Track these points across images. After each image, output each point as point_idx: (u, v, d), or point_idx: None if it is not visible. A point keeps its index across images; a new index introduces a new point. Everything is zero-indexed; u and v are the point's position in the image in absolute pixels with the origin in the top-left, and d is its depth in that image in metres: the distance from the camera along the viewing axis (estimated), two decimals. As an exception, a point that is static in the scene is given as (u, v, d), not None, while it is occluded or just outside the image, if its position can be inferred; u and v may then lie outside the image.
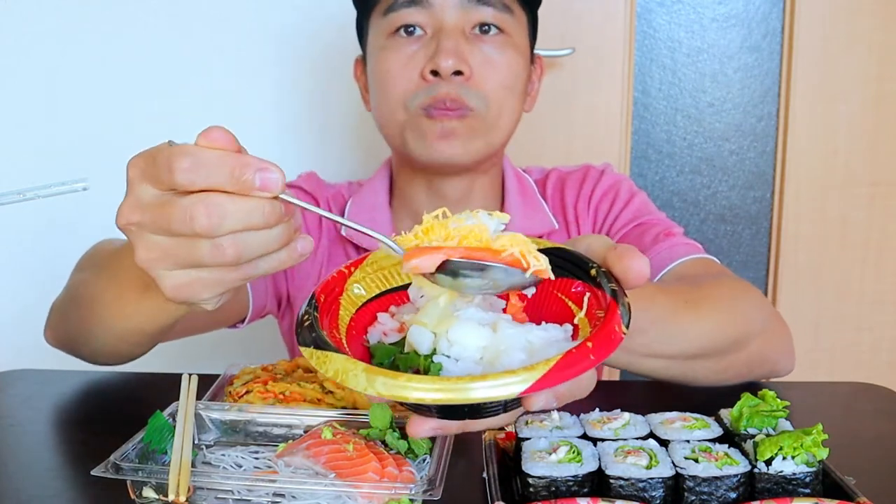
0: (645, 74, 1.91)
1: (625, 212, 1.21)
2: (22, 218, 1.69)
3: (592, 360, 0.53)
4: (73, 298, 0.97)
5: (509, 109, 1.14)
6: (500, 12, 1.12)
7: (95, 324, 0.90)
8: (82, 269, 0.99)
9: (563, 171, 1.30)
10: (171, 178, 0.57)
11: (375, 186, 1.25)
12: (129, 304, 0.82)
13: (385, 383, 0.53)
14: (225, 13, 1.71)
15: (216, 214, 0.57)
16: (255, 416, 0.82)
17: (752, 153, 1.96)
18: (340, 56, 1.68)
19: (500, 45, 1.12)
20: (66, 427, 0.92)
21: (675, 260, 1.08)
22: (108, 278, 0.87)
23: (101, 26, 1.68)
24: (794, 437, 0.67)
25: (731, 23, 1.91)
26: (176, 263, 0.61)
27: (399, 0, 1.11)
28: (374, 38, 1.15)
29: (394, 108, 1.12)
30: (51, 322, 1.04)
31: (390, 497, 0.66)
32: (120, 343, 0.91)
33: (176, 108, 1.71)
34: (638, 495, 0.65)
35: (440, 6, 1.10)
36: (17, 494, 0.73)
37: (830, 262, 1.96)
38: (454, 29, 1.10)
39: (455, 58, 1.07)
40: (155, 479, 0.68)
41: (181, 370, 0.86)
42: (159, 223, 0.59)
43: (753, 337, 0.97)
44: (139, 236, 0.61)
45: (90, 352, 0.98)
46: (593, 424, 0.75)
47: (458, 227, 0.59)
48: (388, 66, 1.11)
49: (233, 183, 0.57)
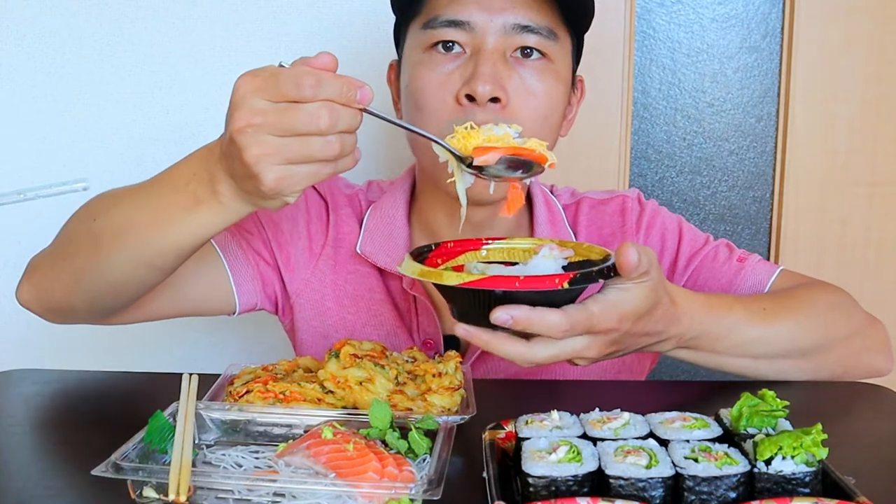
0: (645, 74, 1.91)
1: (682, 247, 1.19)
2: (22, 218, 1.69)
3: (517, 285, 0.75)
4: (81, 239, 0.97)
5: (544, 138, 1.08)
6: (545, 39, 1.07)
7: (117, 253, 0.92)
8: (89, 214, 1.00)
9: (595, 198, 1.26)
10: (297, 91, 0.74)
11: (396, 199, 1.22)
12: (172, 222, 0.88)
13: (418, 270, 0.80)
14: (232, 10, 1.71)
15: (334, 117, 0.75)
16: (255, 416, 0.82)
17: (752, 153, 1.96)
18: (366, 55, 1.68)
19: (541, 72, 1.07)
20: (66, 427, 0.92)
21: (766, 285, 1.14)
22: (140, 203, 0.92)
23: (102, 26, 1.68)
24: (793, 436, 0.67)
25: (731, 23, 1.91)
26: (285, 158, 0.76)
27: (439, 18, 1.06)
28: (411, 49, 1.12)
29: (426, 130, 1.08)
30: (33, 276, 1.04)
31: (390, 497, 0.66)
32: (139, 270, 0.94)
33: (176, 108, 1.71)
34: (638, 495, 0.65)
35: (482, 29, 1.05)
36: (17, 494, 0.73)
37: (830, 262, 1.96)
38: (494, 51, 1.05)
39: (493, 84, 1.03)
40: (155, 478, 0.68)
41: (181, 370, 0.86)
42: (281, 124, 0.75)
43: (839, 340, 1.05)
44: (254, 136, 0.75)
45: (90, 294, 0.98)
46: (593, 424, 0.75)
47: (490, 135, 0.86)
48: (422, 83, 1.07)
49: (342, 96, 0.75)
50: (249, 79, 0.77)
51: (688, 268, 1.18)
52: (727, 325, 0.97)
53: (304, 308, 1.19)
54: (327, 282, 1.19)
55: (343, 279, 1.19)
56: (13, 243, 1.71)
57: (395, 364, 0.93)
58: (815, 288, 1.11)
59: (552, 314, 0.78)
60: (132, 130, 1.70)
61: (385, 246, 1.18)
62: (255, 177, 0.77)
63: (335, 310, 1.19)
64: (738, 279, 1.14)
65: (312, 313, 1.19)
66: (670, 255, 1.20)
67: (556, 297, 0.78)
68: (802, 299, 1.07)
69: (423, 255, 0.89)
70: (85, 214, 1.01)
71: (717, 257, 1.17)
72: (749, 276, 1.14)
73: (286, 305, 1.21)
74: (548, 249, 0.88)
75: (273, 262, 1.19)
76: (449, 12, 1.06)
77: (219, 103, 1.72)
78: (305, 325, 1.20)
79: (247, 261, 1.16)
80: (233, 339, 1.68)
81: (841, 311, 1.09)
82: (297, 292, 1.19)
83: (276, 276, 1.19)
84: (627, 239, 1.20)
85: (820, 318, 1.05)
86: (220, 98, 1.72)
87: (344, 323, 1.18)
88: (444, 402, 0.87)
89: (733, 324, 0.98)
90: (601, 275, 0.80)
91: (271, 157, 0.76)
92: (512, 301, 0.77)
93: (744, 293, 1.13)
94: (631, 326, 0.85)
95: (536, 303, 0.77)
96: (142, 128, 1.71)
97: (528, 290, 0.76)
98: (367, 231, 1.19)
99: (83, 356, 1.13)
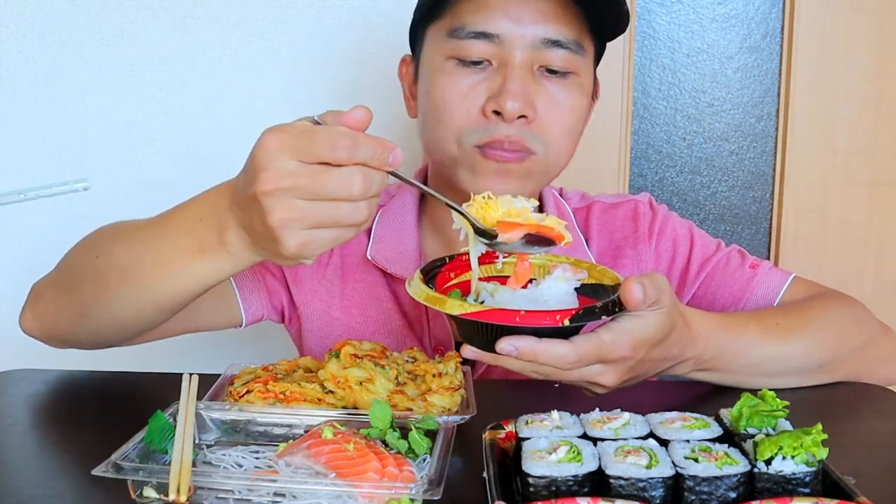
0: (645, 75, 1.91)
1: (694, 253, 1.19)
2: (22, 218, 1.69)
3: (517, 321, 0.75)
4: (85, 274, 0.94)
5: (568, 151, 1.10)
6: (573, 54, 1.05)
7: (123, 292, 0.89)
8: (92, 249, 0.96)
9: (606, 202, 1.25)
10: (333, 154, 0.70)
11: (406, 202, 1.20)
12: (176, 266, 0.85)
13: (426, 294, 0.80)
14: (232, 10, 1.71)
15: (367, 182, 0.71)
16: (255, 416, 0.82)
17: (752, 153, 1.96)
18: (366, 55, 1.67)
19: (568, 87, 1.06)
20: (66, 427, 0.92)
21: (778, 294, 1.13)
22: (144, 245, 0.88)
23: (102, 26, 1.68)
24: (793, 436, 0.67)
25: (731, 23, 1.91)
26: (311, 223, 0.72)
27: (466, 28, 1.03)
28: (432, 53, 1.08)
29: (447, 140, 1.06)
30: (37, 305, 1.01)
31: (391, 497, 0.66)
32: (145, 310, 0.91)
33: (176, 108, 1.71)
34: (638, 495, 0.65)
35: (510, 43, 1.02)
36: (17, 494, 0.73)
37: (830, 262, 1.96)
38: (522, 65, 1.02)
39: (521, 101, 1.01)
40: (156, 478, 0.68)
41: (181, 370, 0.86)
42: (313, 188, 0.71)
43: (853, 351, 1.05)
44: (282, 200, 0.71)
45: (95, 329, 0.96)
46: (593, 424, 0.75)
47: (511, 208, 0.82)
48: (444, 92, 1.05)
49: (374, 159, 0.72)
50: (278, 136, 0.72)
51: (699, 274, 1.17)
52: (743, 345, 0.97)
53: (312, 318, 1.18)
54: (335, 291, 1.18)
55: (351, 288, 1.18)
56: (13, 243, 1.71)
57: (396, 364, 0.93)
58: (828, 299, 1.10)
59: (559, 346, 0.77)
60: (132, 130, 1.70)
61: (395, 252, 1.17)
62: (277, 240, 0.73)
63: (343, 319, 1.18)
64: (751, 286, 1.13)
65: (320, 323, 1.18)
66: (682, 261, 1.19)
67: (557, 334, 0.78)
68: (816, 312, 1.06)
69: (435, 269, 0.88)
70: (89, 248, 0.98)
71: (728, 264, 1.16)
72: (761, 284, 1.13)
73: (293, 315, 1.21)
74: (561, 270, 0.88)
75: (280, 275, 1.18)
76: (477, 22, 1.03)
77: (219, 103, 1.74)
78: (312, 335, 1.19)
79: (253, 275, 1.16)
80: (233, 339, 1.68)
81: (854, 322, 1.08)
82: (305, 302, 1.18)
83: (282, 288, 1.19)
84: (640, 245, 1.19)
85: (833, 330, 1.04)
86: (220, 98, 1.73)
87: (352, 332, 1.17)
88: (445, 402, 0.87)
89: (749, 342, 0.97)
90: (605, 311, 0.78)
91: (297, 221, 0.72)
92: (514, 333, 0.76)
93: (756, 300, 1.13)
94: (646, 353, 0.84)
95: (541, 334, 0.77)
96: (142, 128, 1.71)
97: (526, 326, 0.76)
98: (377, 237, 1.17)
99: (83, 356, 1.13)
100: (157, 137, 1.71)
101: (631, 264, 1.19)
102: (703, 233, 1.23)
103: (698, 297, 1.17)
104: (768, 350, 0.99)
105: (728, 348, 0.95)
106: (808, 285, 1.15)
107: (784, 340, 1.00)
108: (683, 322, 0.88)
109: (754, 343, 0.98)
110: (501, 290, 0.86)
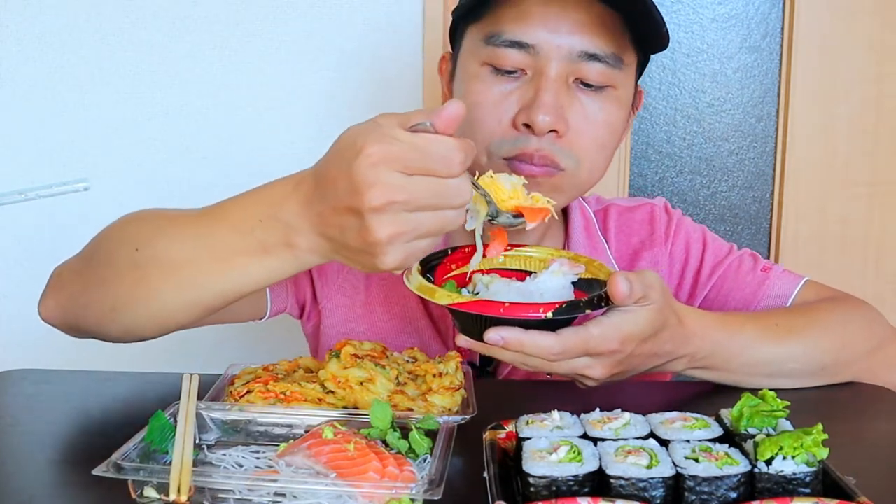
0: (645, 74, 1.91)
1: (706, 257, 1.18)
2: (22, 218, 1.69)
3: (501, 312, 0.77)
4: (121, 267, 0.89)
5: (601, 167, 1.08)
6: (610, 68, 1.02)
7: (168, 291, 0.86)
8: (129, 240, 0.90)
9: (623, 205, 1.25)
10: (448, 170, 0.69)
11: None
12: (235, 267, 0.81)
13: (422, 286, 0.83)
14: (232, 10, 1.71)
15: (469, 188, 0.72)
16: (255, 416, 0.82)
17: (752, 153, 1.96)
18: (366, 55, 1.68)
19: (603, 101, 1.03)
20: (66, 427, 0.92)
21: (790, 298, 1.12)
22: (194, 242, 0.84)
23: (102, 26, 1.68)
24: (794, 436, 0.67)
25: (731, 23, 1.91)
26: (417, 235, 0.71)
27: (503, 36, 1.01)
28: (468, 56, 1.07)
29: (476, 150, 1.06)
30: (60, 294, 0.97)
31: (391, 497, 0.66)
32: (192, 308, 0.87)
33: (176, 108, 1.72)
34: (638, 495, 0.65)
35: (545, 54, 1.00)
36: (18, 494, 0.73)
37: (830, 262, 1.96)
38: (557, 78, 1.00)
39: (553, 115, 0.99)
40: (156, 478, 0.68)
41: (182, 370, 0.86)
42: (430, 201, 0.70)
43: (859, 355, 1.03)
44: (393, 214, 0.69)
45: (128, 323, 0.91)
46: (594, 424, 0.75)
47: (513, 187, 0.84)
48: (477, 99, 1.03)
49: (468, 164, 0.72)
50: (384, 147, 0.68)
51: (711, 277, 1.17)
52: (739, 344, 0.96)
53: (334, 314, 1.18)
54: (360, 287, 1.18)
55: (375, 285, 1.18)
56: (13, 243, 1.71)
57: (396, 364, 0.93)
58: (837, 302, 1.10)
59: (545, 338, 0.79)
60: (132, 130, 1.71)
61: None
62: (377, 255, 0.71)
63: (365, 316, 1.17)
64: (762, 289, 1.13)
65: (342, 320, 1.17)
66: (694, 264, 1.19)
67: (546, 327, 0.79)
68: (820, 315, 1.05)
69: (437, 259, 0.89)
70: (126, 240, 0.91)
71: (741, 267, 1.16)
72: (773, 287, 1.13)
73: (313, 311, 1.20)
74: (558, 265, 0.89)
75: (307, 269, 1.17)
76: (514, 31, 1.01)
77: (219, 103, 1.73)
78: (333, 332, 1.17)
79: None
80: (233, 339, 1.68)
81: (862, 326, 1.07)
82: (328, 297, 1.18)
83: (308, 282, 1.18)
84: (656, 248, 1.20)
85: (837, 333, 1.03)
86: (220, 98, 1.73)
87: (375, 330, 1.16)
88: (445, 402, 0.87)
89: (745, 342, 0.97)
90: (589, 305, 0.80)
91: (405, 235, 0.70)
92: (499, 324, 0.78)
93: (767, 303, 1.12)
94: (636, 348, 0.84)
95: (528, 326, 0.78)
96: (142, 128, 1.71)
97: (509, 318, 0.78)
98: None
99: (83, 356, 1.13)
100: (157, 137, 1.71)
101: (648, 267, 1.18)
102: (716, 236, 1.23)
103: (710, 300, 1.17)
104: (766, 350, 0.98)
105: (724, 347, 0.95)
106: (820, 289, 1.14)
107: (783, 341, 1.00)
108: (677, 319, 0.88)
109: (751, 343, 0.97)
110: (497, 281, 0.87)
